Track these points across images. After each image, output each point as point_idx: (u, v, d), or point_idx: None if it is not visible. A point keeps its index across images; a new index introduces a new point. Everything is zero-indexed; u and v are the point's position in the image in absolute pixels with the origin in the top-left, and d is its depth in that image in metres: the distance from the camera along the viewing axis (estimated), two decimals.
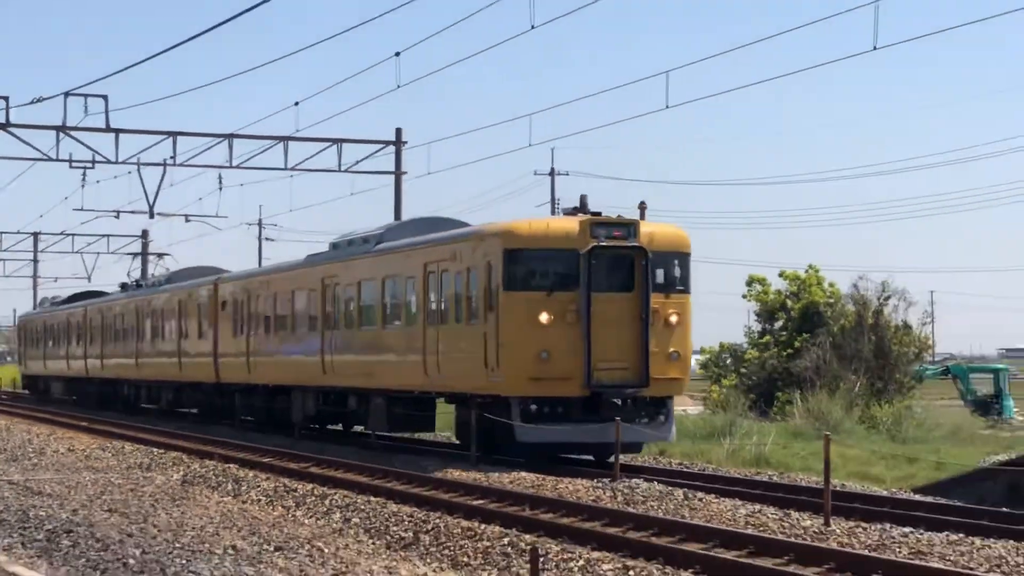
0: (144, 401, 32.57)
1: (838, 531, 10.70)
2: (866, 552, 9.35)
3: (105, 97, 24.48)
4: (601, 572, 8.83)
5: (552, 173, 47.33)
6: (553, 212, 41.00)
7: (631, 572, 8.74)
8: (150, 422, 29.74)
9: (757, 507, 12.40)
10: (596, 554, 9.41)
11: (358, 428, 23.21)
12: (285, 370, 22.93)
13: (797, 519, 11.52)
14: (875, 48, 16.20)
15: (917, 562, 8.83)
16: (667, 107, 20.91)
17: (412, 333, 18.17)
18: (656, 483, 14.36)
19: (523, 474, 15.37)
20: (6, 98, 24.87)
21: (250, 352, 24.07)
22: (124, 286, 36.91)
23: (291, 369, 22.66)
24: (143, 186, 30.48)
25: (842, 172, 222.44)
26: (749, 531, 10.63)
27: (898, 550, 9.58)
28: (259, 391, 24.52)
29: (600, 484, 14.22)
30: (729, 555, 9.16)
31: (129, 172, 29.29)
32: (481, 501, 13.03)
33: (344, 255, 21.28)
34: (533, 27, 18.45)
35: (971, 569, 8.55)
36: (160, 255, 34.25)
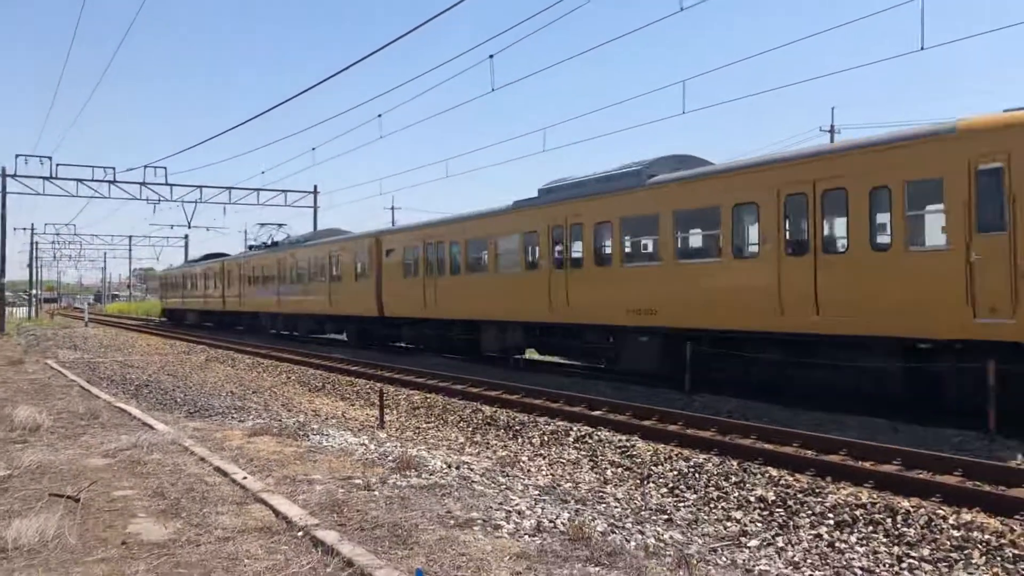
0: (281, 330, 41.23)
1: None
2: None
3: (165, 168, 48.32)
4: (413, 400, 18.72)
5: None
6: None
7: (428, 398, 18.61)
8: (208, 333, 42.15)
9: None
10: (413, 391, 19.32)
11: None
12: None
13: None
14: None
15: None
16: None
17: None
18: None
19: (373, 352, 25.74)
20: (113, 168, 47.61)
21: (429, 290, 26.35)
22: (252, 247, 49.04)
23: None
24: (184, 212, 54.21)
25: None
26: None
27: None
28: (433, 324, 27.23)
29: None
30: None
31: (178, 204, 52.76)
32: (355, 367, 23.16)
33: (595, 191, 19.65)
34: (493, 89, 21.86)
35: None
36: (279, 225, 46.64)
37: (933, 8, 18.49)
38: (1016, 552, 7.09)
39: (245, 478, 8.77)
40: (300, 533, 6.72)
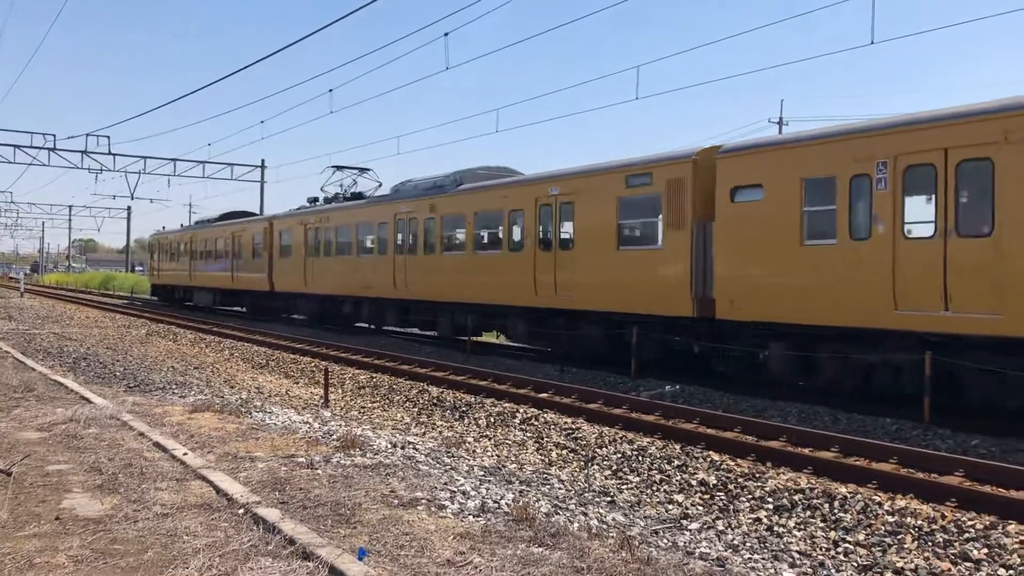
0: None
1: None
2: None
3: (108, 137, 46.95)
4: (359, 379, 18.58)
5: None
6: None
7: (374, 378, 18.50)
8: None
9: None
10: (359, 370, 19.18)
11: None
12: None
13: None
14: None
15: None
16: None
17: None
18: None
19: (321, 330, 25.53)
20: (54, 135, 46.83)
21: None
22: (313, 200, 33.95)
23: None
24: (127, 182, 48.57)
25: None
26: None
27: None
28: None
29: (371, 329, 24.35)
30: None
31: (121, 175, 50.16)
32: (300, 345, 22.92)
33: None
34: (448, 68, 22.97)
35: None
36: (360, 170, 31.87)
37: (884, 3, 18.81)
38: (946, 537, 7.29)
39: (185, 454, 8.61)
40: (241, 511, 6.62)
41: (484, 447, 11.34)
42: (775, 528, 7.85)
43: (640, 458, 10.43)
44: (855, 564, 6.92)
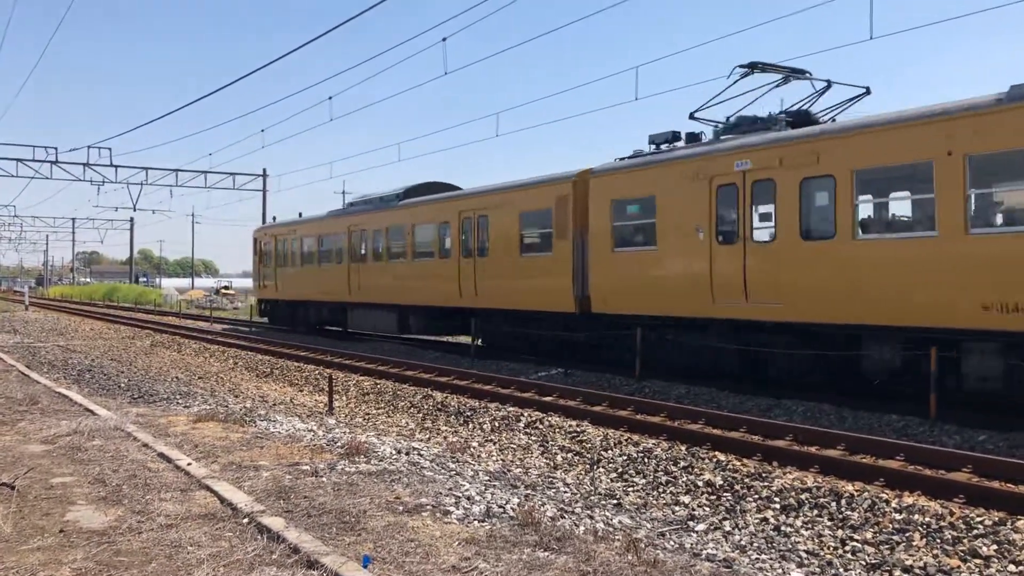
0: None
1: None
2: None
3: (110, 149, 47.62)
4: (363, 386, 18.54)
5: None
6: None
7: (378, 384, 18.47)
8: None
9: None
10: (363, 377, 19.15)
11: None
12: None
13: None
14: None
15: None
16: None
17: None
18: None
19: (322, 338, 25.49)
20: (55, 148, 46.33)
21: None
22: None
23: None
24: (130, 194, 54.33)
25: None
26: None
27: None
28: None
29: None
30: None
31: (123, 186, 50.60)
32: (303, 352, 22.92)
33: None
34: (446, 73, 24.29)
35: None
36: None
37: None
38: (955, 534, 7.24)
39: (190, 464, 8.60)
40: (245, 520, 6.60)
41: (489, 452, 11.31)
42: (782, 528, 7.81)
43: (646, 460, 10.39)
44: (863, 563, 6.88)
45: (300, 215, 35.73)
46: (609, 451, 10.94)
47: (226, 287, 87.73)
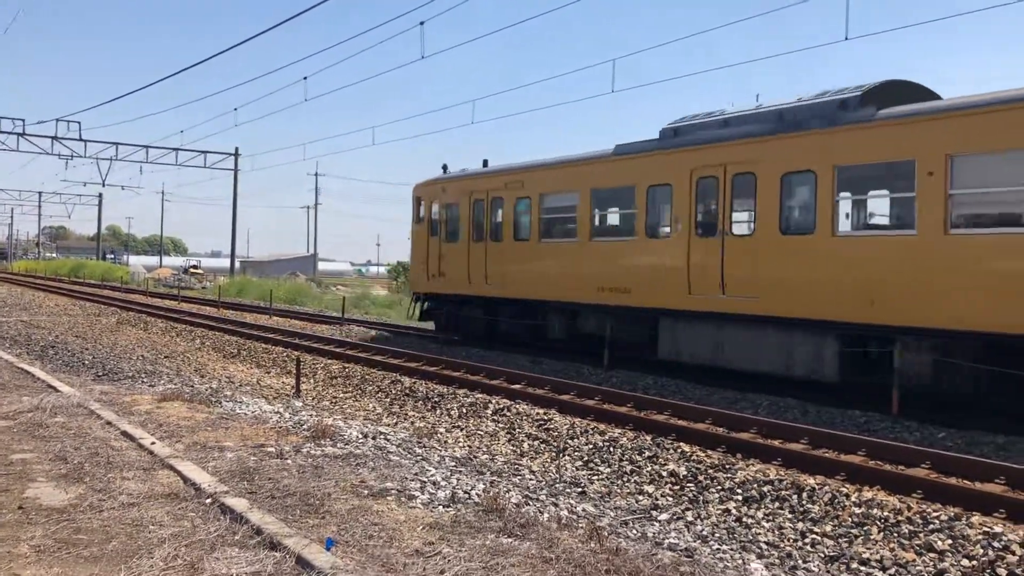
0: None
1: None
2: None
3: (79, 122, 46.86)
4: (331, 369, 18.46)
5: None
6: None
7: (346, 368, 18.38)
8: None
9: None
10: (331, 360, 19.06)
11: None
12: None
13: None
14: None
15: None
16: None
17: None
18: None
19: (294, 321, 25.31)
20: (23, 119, 45.82)
21: None
22: None
23: None
24: (99, 169, 54.38)
25: None
26: None
27: None
28: None
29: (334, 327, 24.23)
30: None
31: (92, 161, 50.59)
32: (272, 335, 22.79)
33: None
34: (423, 57, 21.49)
35: None
36: None
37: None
38: (912, 528, 7.37)
39: (153, 443, 8.52)
40: (208, 500, 6.55)
41: (456, 438, 11.33)
42: (744, 519, 7.91)
43: (611, 449, 10.46)
44: (822, 555, 6.98)
45: (485, 164, 22.66)
46: (575, 440, 11.00)
47: (195, 266, 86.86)
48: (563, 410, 12.73)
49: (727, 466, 9.45)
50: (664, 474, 9.37)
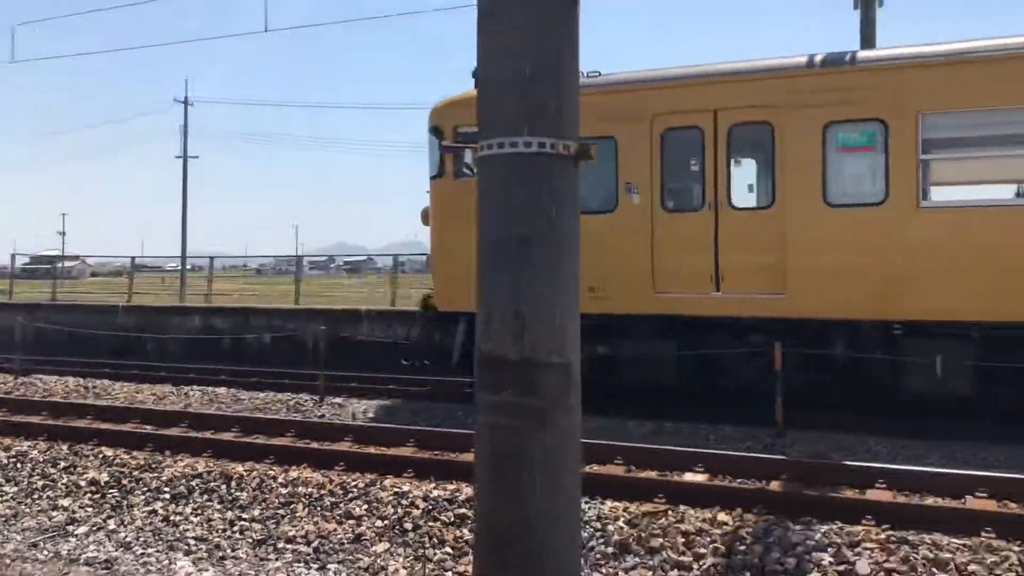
0: None
1: None
2: None
3: None
4: None
5: None
6: None
7: None
8: None
9: None
10: None
11: None
12: None
13: None
14: None
15: None
16: None
17: None
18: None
19: None
20: None
21: None
22: None
23: None
24: None
25: None
26: None
27: None
28: None
29: None
30: None
31: None
32: None
33: None
34: None
35: None
36: None
37: None
38: (333, 500, 7.82)
39: None
40: None
41: None
42: (171, 518, 7.64)
43: (20, 465, 9.31)
44: (250, 540, 7.06)
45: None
46: None
47: None
48: None
49: (154, 465, 9.03)
50: (83, 484, 8.62)
